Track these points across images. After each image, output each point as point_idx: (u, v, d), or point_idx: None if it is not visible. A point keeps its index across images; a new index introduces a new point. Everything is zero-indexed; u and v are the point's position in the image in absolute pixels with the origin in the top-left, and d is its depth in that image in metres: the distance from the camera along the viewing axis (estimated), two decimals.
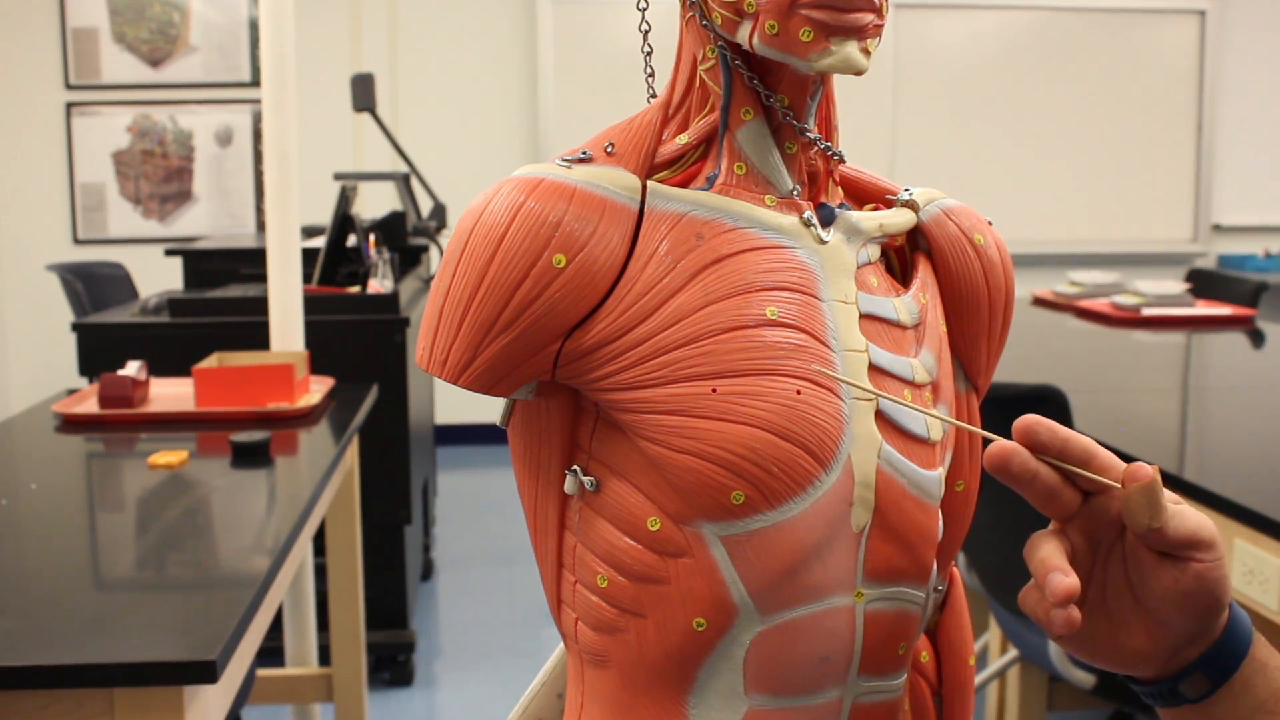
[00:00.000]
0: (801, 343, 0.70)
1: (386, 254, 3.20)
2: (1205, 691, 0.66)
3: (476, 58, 5.65)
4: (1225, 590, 0.65)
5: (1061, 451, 0.65)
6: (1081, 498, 0.67)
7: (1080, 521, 0.67)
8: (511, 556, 4.16)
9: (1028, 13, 5.86)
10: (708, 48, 0.74)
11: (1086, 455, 0.66)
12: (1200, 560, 0.64)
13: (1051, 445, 0.65)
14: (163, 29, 5.47)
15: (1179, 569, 0.64)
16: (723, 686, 0.73)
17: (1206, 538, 0.64)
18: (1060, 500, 0.66)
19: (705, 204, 0.72)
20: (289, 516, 1.64)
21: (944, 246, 0.80)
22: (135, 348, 2.94)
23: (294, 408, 2.23)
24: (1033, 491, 0.66)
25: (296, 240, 2.52)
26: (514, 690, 3.09)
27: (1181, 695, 0.67)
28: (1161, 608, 0.65)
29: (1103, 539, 0.67)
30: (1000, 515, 2.12)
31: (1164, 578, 0.65)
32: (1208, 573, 0.64)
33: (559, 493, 0.76)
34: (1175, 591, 0.64)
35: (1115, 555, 0.67)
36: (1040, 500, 0.66)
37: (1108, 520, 0.66)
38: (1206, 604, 0.65)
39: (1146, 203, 6.06)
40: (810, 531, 0.70)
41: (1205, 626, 0.65)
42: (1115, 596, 0.67)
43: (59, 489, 1.79)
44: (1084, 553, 0.67)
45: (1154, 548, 0.65)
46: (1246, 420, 2.19)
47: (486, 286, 0.69)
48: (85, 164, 5.51)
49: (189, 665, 1.17)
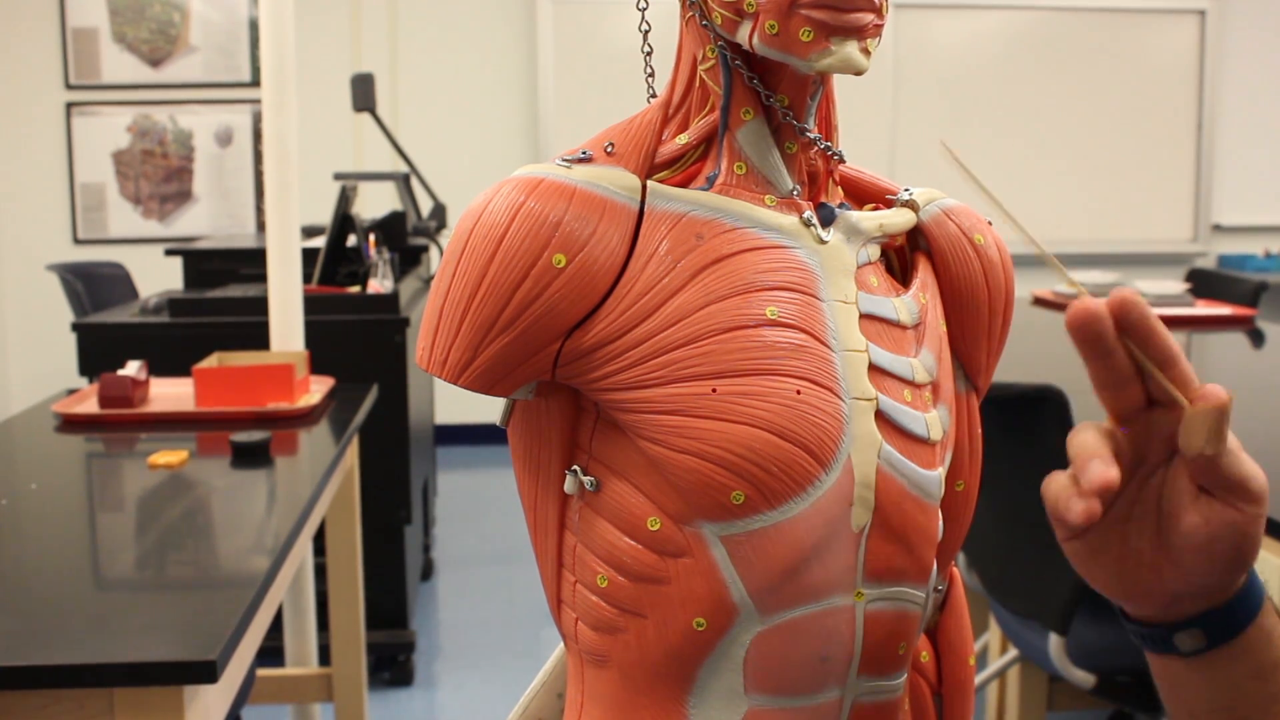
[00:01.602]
0: (801, 343, 0.70)
1: (386, 254, 3.20)
2: (1199, 648, 0.64)
3: (476, 58, 5.65)
4: (1252, 549, 0.61)
5: (1144, 341, 0.60)
6: (1145, 401, 0.62)
7: (1137, 426, 0.62)
8: (511, 556, 4.16)
9: (1028, 13, 5.86)
10: (708, 48, 0.74)
11: (1168, 359, 0.60)
12: (1240, 509, 0.60)
13: (1139, 328, 0.60)
14: (163, 29, 5.47)
15: (1214, 510, 0.60)
16: (723, 686, 0.73)
17: (1255, 488, 0.60)
18: (1124, 393, 0.61)
19: (705, 204, 0.72)
20: (289, 516, 1.64)
21: (944, 246, 0.80)
22: (135, 348, 2.94)
23: (294, 408, 2.23)
24: (1102, 368, 0.61)
25: (296, 240, 2.52)
26: (514, 690, 3.09)
27: (1174, 646, 0.64)
28: (1184, 547, 0.61)
29: (1148, 456, 0.63)
30: (1000, 515, 2.12)
31: (1196, 515, 0.61)
32: (1243, 524, 0.60)
33: (559, 492, 0.76)
34: (1203, 533, 0.61)
35: (1154, 479, 0.63)
36: (1105, 383, 0.61)
37: (1161, 437, 0.62)
38: (1229, 557, 0.61)
39: (1146, 203, 6.06)
40: (810, 531, 0.70)
41: (1220, 581, 0.62)
42: (1140, 520, 0.63)
43: (59, 489, 1.79)
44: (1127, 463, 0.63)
45: (1199, 480, 0.61)
46: (1246, 420, 2.19)
47: (486, 286, 0.69)
48: (85, 164, 5.51)
49: (189, 665, 1.17)
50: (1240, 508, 0.61)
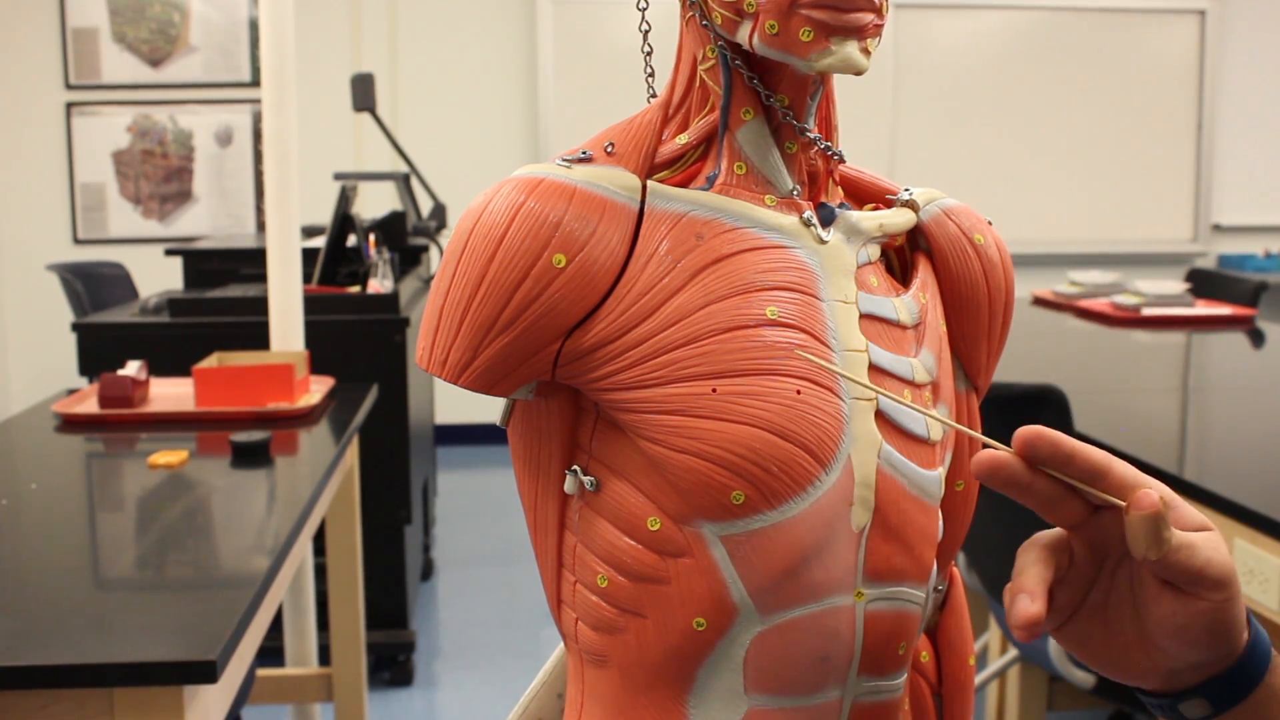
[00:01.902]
0: (801, 342, 0.70)
1: (386, 254, 3.20)
2: (1205, 716, 0.63)
3: (476, 58, 5.65)
4: (1232, 629, 0.61)
5: (1065, 466, 0.61)
6: (1089, 508, 0.63)
7: (1087, 531, 0.63)
8: (511, 556, 4.16)
9: (1028, 13, 5.86)
10: (708, 47, 0.74)
11: (1096, 473, 0.61)
12: (1205, 599, 0.60)
13: (1053, 460, 0.61)
14: (163, 29, 5.47)
15: (1181, 601, 0.61)
16: (723, 686, 0.73)
17: (1215, 575, 0.60)
18: (1063, 509, 0.63)
19: (705, 204, 0.72)
20: (289, 516, 1.64)
21: (944, 246, 0.80)
22: (135, 348, 2.94)
23: (294, 408, 2.23)
24: (1029, 501, 0.62)
25: (296, 240, 2.52)
26: (514, 690, 3.09)
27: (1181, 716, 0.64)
28: (1159, 634, 0.62)
29: (1110, 551, 0.64)
30: (1000, 515, 2.12)
31: (1164, 607, 0.61)
32: (1211, 612, 0.60)
33: (559, 492, 0.76)
34: (1174, 623, 0.61)
35: (1123, 569, 0.64)
36: (1040, 509, 0.63)
37: (1116, 535, 0.63)
38: (1208, 641, 0.61)
39: (1146, 203, 6.06)
40: (810, 531, 0.70)
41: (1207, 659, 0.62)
42: (1116, 608, 0.64)
43: (59, 489, 1.79)
44: (1089, 561, 0.64)
45: (1160, 575, 0.61)
46: (1246, 420, 2.19)
47: (486, 286, 0.69)
48: (85, 164, 5.51)
49: (189, 665, 1.17)
50: (1205, 597, 0.60)
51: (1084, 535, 0.64)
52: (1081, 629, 0.65)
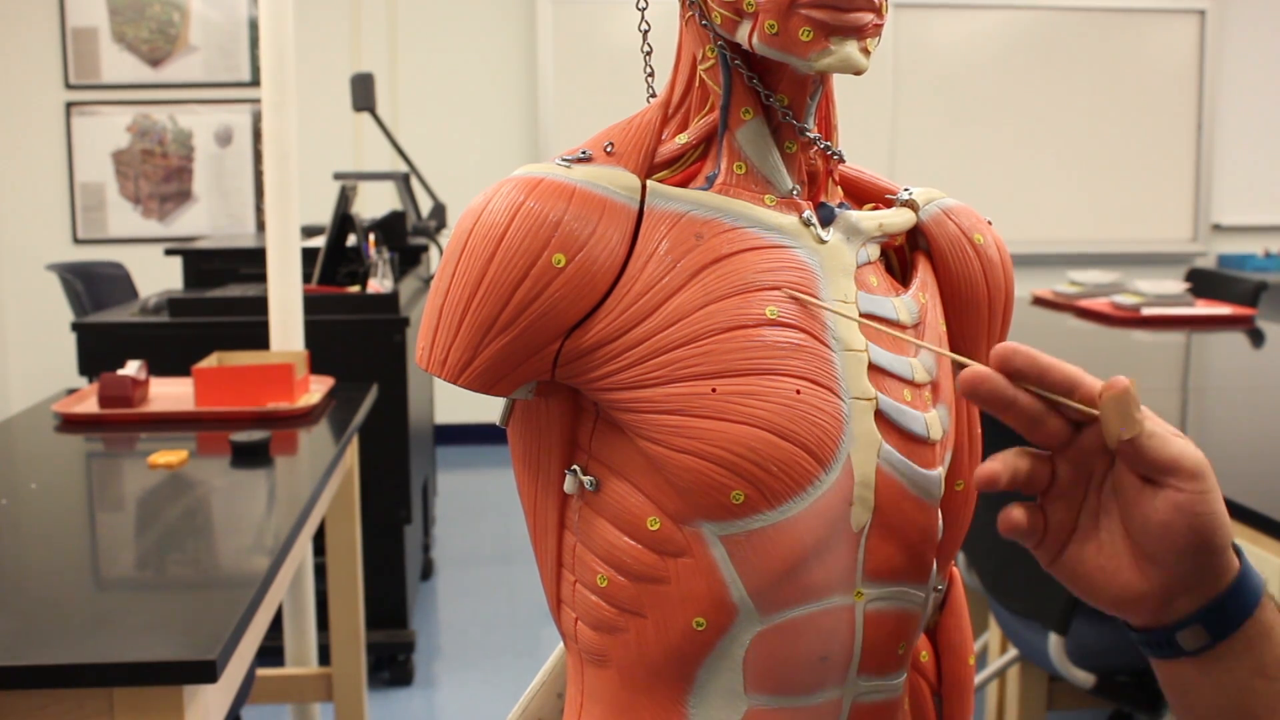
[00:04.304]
0: (801, 342, 0.70)
1: (386, 254, 3.20)
2: (1204, 644, 0.64)
3: (476, 58, 5.65)
4: (1213, 528, 0.62)
5: (1040, 379, 0.63)
6: (1070, 427, 0.65)
7: (1071, 451, 0.65)
8: (511, 556, 4.16)
9: (1028, 13, 5.86)
10: (707, 47, 0.74)
11: (1069, 384, 0.64)
12: (1179, 489, 0.62)
13: (1029, 373, 0.63)
14: (163, 29, 5.47)
15: (1160, 496, 0.62)
16: (722, 686, 0.73)
17: (1189, 465, 0.62)
18: (1044, 428, 0.65)
19: (705, 204, 0.72)
20: (289, 516, 1.64)
21: (943, 246, 0.80)
22: (135, 347, 2.94)
23: (294, 407, 2.23)
24: (1012, 418, 0.64)
25: (296, 240, 2.52)
26: (514, 690, 3.09)
27: (1178, 646, 0.65)
28: (1145, 539, 0.63)
29: (1095, 469, 0.66)
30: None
31: (1145, 505, 0.63)
32: (1189, 504, 0.62)
33: (559, 492, 0.76)
34: (1157, 520, 0.62)
35: (1108, 486, 0.65)
36: (1023, 427, 0.65)
37: (1098, 449, 0.65)
38: (1191, 540, 0.62)
39: (1146, 203, 6.06)
40: (810, 531, 0.70)
41: (1195, 567, 0.63)
42: (1107, 528, 0.65)
43: (59, 489, 1.79)
44: (1075, 483, 0.66)
45: (1136, 469, 0.63)
46: (1246, 420, 2.19)
47: (486, 286, 0.69)
48: (85, 164, 5.51)
49: (189, 665, 1.17)
50: (1181, 487, 0.62)
51: (1068, 456, 0.66)
52: (1075, 556, 0.66)
